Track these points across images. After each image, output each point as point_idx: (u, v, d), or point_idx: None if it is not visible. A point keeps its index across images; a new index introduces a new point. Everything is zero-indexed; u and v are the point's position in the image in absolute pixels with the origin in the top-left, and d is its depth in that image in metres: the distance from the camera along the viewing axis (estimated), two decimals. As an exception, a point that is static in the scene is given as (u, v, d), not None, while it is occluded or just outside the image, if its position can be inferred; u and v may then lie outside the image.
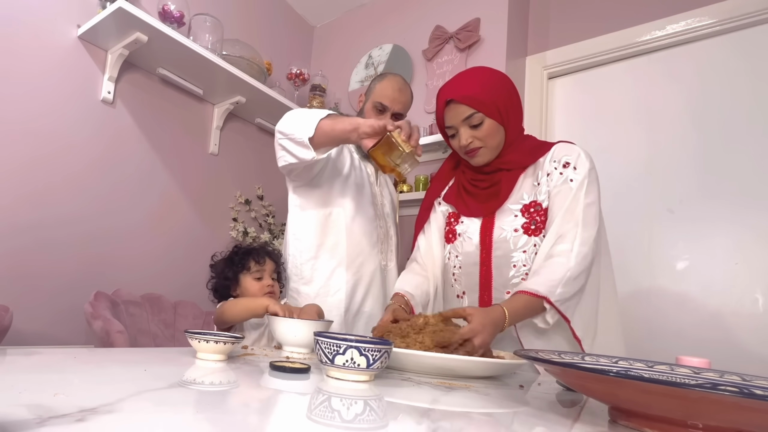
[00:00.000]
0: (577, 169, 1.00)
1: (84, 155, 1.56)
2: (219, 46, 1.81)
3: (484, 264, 1.05)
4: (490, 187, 1.08)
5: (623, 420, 0.47)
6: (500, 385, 0.70)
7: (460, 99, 1.01)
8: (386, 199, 1.44)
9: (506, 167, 1.06)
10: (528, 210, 1.03)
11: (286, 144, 1.14)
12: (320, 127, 1.06)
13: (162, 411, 0.37)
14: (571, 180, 0.99)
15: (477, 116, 1.01)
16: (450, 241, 1.14)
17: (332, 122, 1.06)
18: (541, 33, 1.96)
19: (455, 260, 1.12)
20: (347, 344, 0.56)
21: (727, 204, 1.50)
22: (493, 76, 1.06)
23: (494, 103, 1.01)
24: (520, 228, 1.02)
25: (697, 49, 1.63)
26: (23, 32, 1.43)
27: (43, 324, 1.44)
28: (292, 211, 1.32)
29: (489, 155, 1.05)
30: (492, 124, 1.02)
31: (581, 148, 1.04)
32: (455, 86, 1.05)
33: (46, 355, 0.58)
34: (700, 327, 1.47)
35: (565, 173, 1.00)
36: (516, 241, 1.02)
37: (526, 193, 1.04)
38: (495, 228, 1.05)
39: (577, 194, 0.97)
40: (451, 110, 1.04)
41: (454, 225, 1.14)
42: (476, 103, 1.00)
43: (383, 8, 2.30)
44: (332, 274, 1.27)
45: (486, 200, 1.08)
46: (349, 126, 1.04)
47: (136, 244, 1.70)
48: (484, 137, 1.02)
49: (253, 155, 2.17)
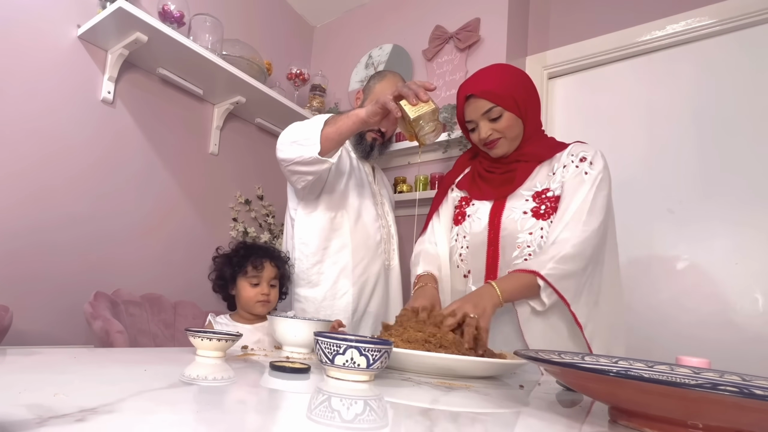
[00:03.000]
0: (593, 164, 1.04)
1: (84, 155, 1.56)
2: (219, 46, 1.81)
3: (491, 244, 1.07)
4: (505, 174, 1.11)
5: (623, 420, 0.47)
6: (500, 385, 0.70)
7: (480, 94, 1.05)
8: (385, 197, 1.44)
9: (524, 159, 1.10)
10: (539, 196, 1.05)
11: (297, 168, 1.12)
12: (325, 137, 1.06)
13: (162, 411, 0.37)
14: (585, 173, 1.02)
15: (496, 110, 1.05)
16: (458, 223, 1.17)
17: (334, 127, 1.06)
18: (541, 33, 1.96)
19: (462, 241, 1.14)
20: (347, 344, 0.56)
21: (727, 204, 1.50)
22: (510, 72, 1.10)
23: (512, 96, 1.05)
24: (530, 211, 1.04)
25: (697, 49, 1.63)
26: (23, 32, 1.43)
27: (43, 324, 1.44)
28: (298, 216, 1.31)
29: (508, 146, 1.09)
30: (510, 117, 1.06)
31: (598, 149, 1.08)
32: (475, 82, 1.09)
33: (46, 355, 0.58)
34: (700, 327, 1.47)
35: (581, 166, 1.04)
36: (524, 223, 1.04)
37: (540, 182, 1.07)
38: (505, 209, 1.07)
39: (590, 187, 1.00)
40: (470, 105, 1.08)
41: (465, 207, 1.17)
42: (495, 97, 1.04)
43: (383, 8, 2.30)
44: (339, 278, 1.26)
45: (500, 185, 1.11)
46: (352, 121, 1.05)
47: (136, 244, 1.70)
48: (504, 129, 1.06)
49: (253, 155, 2.17)
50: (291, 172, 1.15)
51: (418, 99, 0.95)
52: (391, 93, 0.98)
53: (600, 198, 1.00)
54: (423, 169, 1.93)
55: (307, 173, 1.13)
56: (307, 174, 1.13)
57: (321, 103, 2.25)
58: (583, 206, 0.98)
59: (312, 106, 2.23)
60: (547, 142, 1.12)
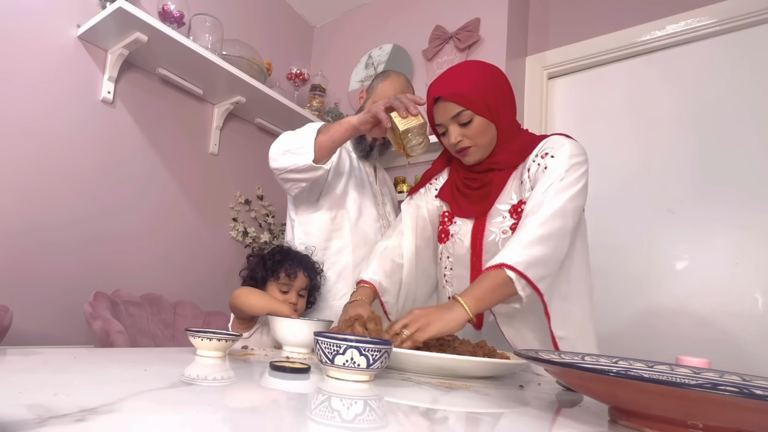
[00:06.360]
0: (554, 157, 0.94)
1: (84, 155, 1.56)
2: (219, 46, 1.81)
3: (474, 268, 1.02)
4: (481, 188, 1.05)
5: (623, 420, 0.47)
6: (500, 385, 0.70)
7: (448, 96, 0.97)
8: (387, 197, 1.44)
9: (497, 167, 1.02)
10: (516, 210, 0.99)
11: (291, 176, 1.14)
12: (318, 145, 1.08)
13: (162, 411, 0.37)
14: (545, 168, 0.94)
15: (466, 114, 0.96)
16: (443, 241, 1.11)
17: (327, 135, 1.08)
18: (541, 33, 1.96)
19: (447, 261, 1.10)
20: (347, 344, 0.56)
21: (727, 204, 1.50)
22: (483, 71, 1.01)
23: (483, 100, 0.97)
24: (509, 230, 0.98)
25: (697, 50, 1.63)
26: (23, 32, 1.43)
27: (43, 324, 1.44)
28: (298, 217, 1.31)
29: (480, 154, 1.02)
30: (482, 122, 0.98)
31: (571, 140, 0.98)
32: (443, 83, 1.00)
33: (46, 355, 0.58)
34: (700, 327, 1.47)
35: (542, 163, 0.95)
36: (505, 243, 0.97)
37: (515, 193, 1.00)
38: (485, 231, 1.01)
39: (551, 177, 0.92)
40: (439, 108, 1.00)
41: (448, 225, 1.11)
42: (465, 101, 0.96)
43: (383, 8, 2.30)
44: (339, 278, 1.27)
45: (478, 201, 1.05)
46: (344, 128, 1.06)
47: (136, 244, 1.70)
48: (474, 135, 0.98)
49: (253, 155, 2.17)
50: (285, 180, 1.17)
51: (408, 112, 0.97)
52: (382, 103, 1.00)
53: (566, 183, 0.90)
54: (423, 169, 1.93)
55: (301, 180, 1.15)
56: (301, 181, 1.16)
57: (321, 103, 2.25)
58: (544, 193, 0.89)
59: (312, 106, 2.23)
60: (520, 143, 1.03)
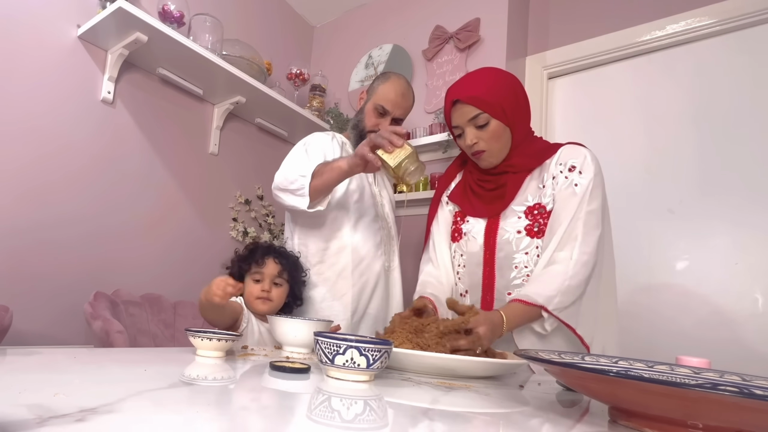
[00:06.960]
0: (582, 174, 1.00)
1: (84, 155, 1.56)
2: (219, 46, 1.81)
3: (487, 265, 1.05)
4: (495, 189, 1.08)
5: (623, 420, 0.47)
6: (500, 385, 0.70)
7: (466, 99, 1.02)
8: (385, 199, 1.44)
9: (512, 170, 1.06)
10: (531, 212, 1.03)
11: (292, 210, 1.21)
12: (314, 189, 1.12)
13: (162, 411, 0.37)
14: (576, 185, 0.99)
15: (482, 117, 1.01)
16: (456, 240, 1.15)
17: (321, 180, 1.11)
18: (541, 33, 1.96)
19: (460, 259, 1.13)
20: (347, 344, 0.56)
21: (727, 204, 1.50)
22: (500, 77, 1.06)
23: (500, 104, 1.01)
24: (523, 230, 1.02)
25: (697, 49, 1.63)
26: (23, 32, 1.43)
27: (43, 324, 1.44)
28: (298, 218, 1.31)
29: (495, 158, 1.06)
30: (497, 125, 1.02)
31: (588, 151, 1.03)
32: (462, 86, 1.06)
33: (46, 355, 0.58)
34: (700, 327, 1.47)
35: (570, 177, 1.00)
36: (518, 243, 1.02)
37: (531, 195, 1.04)
38: (499, 229, 1.05)
39: (581, 200, 0.97)
40: (457, 110, 1.05)
41: (461, 224, 1.15)
42: (482, 104, 1.01)
43: (383, 8, 2.30)
44: (338, 279, 1.27)
45: (491, 202, 1.08)
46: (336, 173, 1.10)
47: (136, 244, 1.70)
48: (489, 138, 1.03)
49: (253, 155, 2.17)
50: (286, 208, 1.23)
51: (393, 146, 0.98)
52: (366, 144, 1.02)
53: (594, 215, 0.97)
54: (423, 169, 1.93)
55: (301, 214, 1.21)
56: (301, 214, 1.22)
57: (321, 103, 2.25)
58: (577, 224, 0.95)
59: (312, 106, 2.23)
60: (536, 148, 1.08)
